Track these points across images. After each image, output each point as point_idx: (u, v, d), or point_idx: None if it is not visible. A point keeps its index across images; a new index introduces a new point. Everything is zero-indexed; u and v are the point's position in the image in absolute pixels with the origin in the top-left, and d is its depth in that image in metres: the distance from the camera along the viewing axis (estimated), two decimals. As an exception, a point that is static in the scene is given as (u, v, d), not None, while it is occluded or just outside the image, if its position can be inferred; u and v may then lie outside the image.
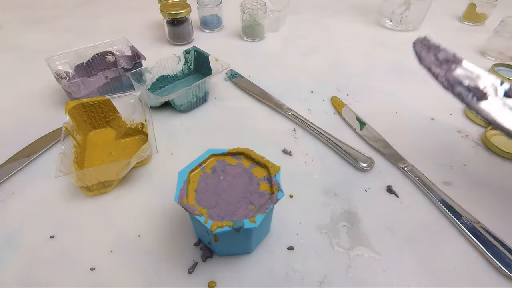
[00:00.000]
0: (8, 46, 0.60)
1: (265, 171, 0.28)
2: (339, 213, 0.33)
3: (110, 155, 0.37)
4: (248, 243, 0.28)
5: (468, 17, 0.72)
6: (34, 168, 0.37)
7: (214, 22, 0.65)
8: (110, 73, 0.44)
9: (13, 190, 0.35)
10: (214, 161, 0.29)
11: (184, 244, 0.30)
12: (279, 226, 0.31)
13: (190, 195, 0.26)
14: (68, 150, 0.34)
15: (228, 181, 0.27)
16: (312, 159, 0.39)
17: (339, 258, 0.29)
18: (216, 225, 0.24)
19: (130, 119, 0.40)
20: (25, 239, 0.30)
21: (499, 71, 0.55)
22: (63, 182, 0.35)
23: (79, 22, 0.69)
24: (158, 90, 0.48)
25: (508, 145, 0.40)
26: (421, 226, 0.32)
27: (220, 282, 0.27)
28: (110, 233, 0.31)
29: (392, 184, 0.36)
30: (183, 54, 0.48)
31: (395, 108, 0.47)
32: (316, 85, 0.51)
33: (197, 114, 0.45)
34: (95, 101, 0.38)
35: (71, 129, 0.36)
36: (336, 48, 0.62)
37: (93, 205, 0.33)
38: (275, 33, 0.66)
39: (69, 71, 0.47)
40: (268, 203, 0.25)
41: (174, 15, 0.55)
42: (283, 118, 0.45)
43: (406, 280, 0.28)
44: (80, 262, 0.29)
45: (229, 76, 0.52)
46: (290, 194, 0.35)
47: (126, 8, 0.75)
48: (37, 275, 0.28)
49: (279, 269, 0.28)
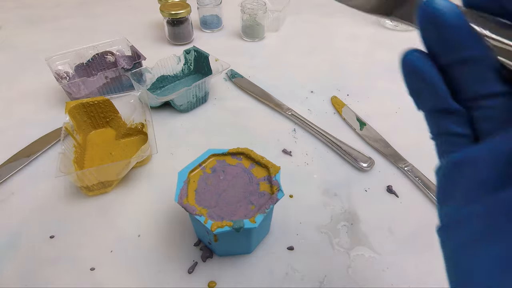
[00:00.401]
0: (8, 46, 0.60)
1: (265, 171, 0.28)
2: (339, 213, 0.33)
3: (110, 155, 0.37)
4: (248, 243, 0.28)
5: (468, 17, 0.72)
6: (34, 168, 0.37)
7: (214, 22, 0.65)
8: (110, 73, 0.44)
9: (13, 190, 0.35)
10: (214, 161, 0.29)
11: (184, 244, 0.30)
12: (279, 226, 0.31)
13: (190, 195, 0.26)
14: (68, 150, 0.34)
15: (228, 181, 0.27)
16: (312, 159, 0.39)
17: (339, 258, 0.29)
18: (216, 225, 0.24)
19: (130, 119, 0.40)
20: (25, 239, 0.30)
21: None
22: (63, 182, 0.35)
23: (79, 22, 0.69)
24: (158, 90, 0.48)
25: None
26: (421, 226, 0.32)
27: (220, 282, 0.27)
28: (110, 233, 0.31)
29: (392, 184, 0.36)
30: (183, 54, 0.48)
31: (395, 108, 0.47)
32: (316, 85, 0.51)
33: (197, 114, 0.45)
34: (95, 101, 0.38)
35: (71, 129, 0.36)
36: (336, 48, 0.62)
37: (93, 205, 0.33)
38: (275, 33, 0.66)
39: (69, 71, 0.47)
40: (268, 203, 0.25)
41: (174, 15, 0.55)
42: (283, 118, 0.45)
43: (406, 280, 0.28)
44: (80, 262, 0.29)
45: (229, 76, 0.52)
46: (290, 194, 0.35)
47: (126, 8, 0.75)
48: (37, 275, 0.28)
49: (279, 269, 0.28)
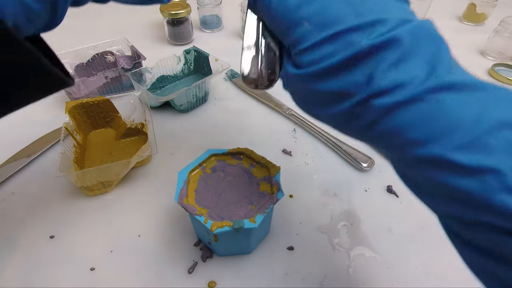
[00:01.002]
0: (8, 46, 0.60)
1: (265, 171, 0.28)
2: (339, 213, 0.33)
3: (110, 155, 0.37)
4: (248, 243, 0.28)
5: (468, 17, 0.72)
6: (34, 168, 0.37)
7: (214, 22, 0.65)
8: (110, 73, 0.44)
9: (13, 190, 0.35)
10: (214, 161, 0.29)
11: (184, 244, 0.30)
12: (279, 226, 0.31)
13: (190, 195, 0.26)
14: (68, 150, 0.34)
15: (228, 181, 0.27)
16: (312, 159, 0.39)
17: (339, 258, 0.29)
18: (216, 225, 0.24)
19: (130, 119, 0.40)
20: (25, 239, 0.30)
21: (499, 71, 0.55)
22: (63, 182, 0.35)
23: (79, 22, 0.69)
24: (158, 90, 0.48)
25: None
26: (421, 226, 0.32)
27: (220, 282, 0.27)
28: (110, 233, 0.31)
29: (392, 184, 0.36)
30: (183, 54, 0.48)
31: (395, 108, 0.47)
32: (316, 85, 0.51)
33: (197, 114, 0.45)
34: (95, 101, 0.38)
35: (71, 129, 0.36)
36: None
37: (93, 205, 0.33)
38: (275, 33, 0.66)
39: (69, 71, 0.47)
40: (268, 203, 0.25)
41: (174, 15, 0.55)
42: (283, 118, 0.45)
43: (406, 280, 0.28)
44: (80, 262, 0.29)
45: (229, 76, 0.52)
46: (290, 194, 0.35)
47: (126, 8, 0.75)
48: (37, 275, 0.28)
49: (279, 269, 0.28)
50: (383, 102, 0.14)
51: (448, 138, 0.13)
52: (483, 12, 0.70)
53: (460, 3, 0.76)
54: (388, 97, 0.14)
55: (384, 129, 0.15)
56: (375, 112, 0.14)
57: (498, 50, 0.59)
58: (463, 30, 0.70)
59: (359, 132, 0.16)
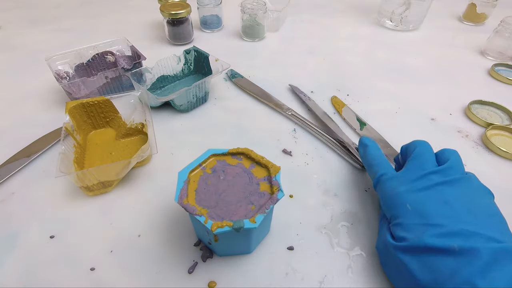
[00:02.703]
0: (8, 46, 0.60)
1: (265, 171, 0.28)
2: (339, 213, 0.33)
3: (110, 155, 0.37)
4: (248, 243, 0.28)
5: (468, 17, 0.72)
6: (34, 168, 0.37)
7: (214, 22, 0.65)
8: (110, 73, 0.44)
9: (13, 190, 0.35)
10: (214, 161, 0.29)
11: (184, 244, 0.30)
12: (279, 226, 0.31)
13: (190, 195, 0.26)
14: (68, 150, 0.34)
15: (228, 181, 0.27)
16: (312, 159, 0.39)
17: (339, 258, 0.29)
18: (216, 225, 0.24)
19: (130, 119, 0.40)
20: (25, 239, 0.30)
21: (499, 71, 0.55)
22: (63, 182, 0.35)
23: (79, 22, 0.69)
24: (158, 90, 0.48)
25: (508, 145, 0.40)
26: (421, 226, 0.32)
27: (220, 282, 0.27)
28: (110, 233, 0.31)
29: (392, 184, 0.36)
30: (183, 54, 0.48)
31: (395, 108, 0.47)
32: (316, 85, 0.51)
33: (197, 114, 0.45)
34: (95, 101, 0.38)
35: (71, 129, 0.36)
36: (336, 48, 0.62)
37: (93, 205, 0.33)
38: (275, 33, 0.66)
39: (69, 71, 0.47)
40: (268, 203, 0.25)
41: (174, 15, 0.55)
42: (283, 118, 0.45)
43: (406, 280, 0.28)
44: (80, 262, 0.29)
45: (229, 76, 0.52)
46: (290, 194, 0.35)
47: (126, 8, 0.75)
48: (37, 275, 0.28)
49: (279, 269, 0.28)
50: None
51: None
52: (483, 12, 0.70)
53: (460, 3, 0.76)
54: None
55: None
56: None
57: (498, 50, 0.59)
58: (463, 30, 0.70)
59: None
